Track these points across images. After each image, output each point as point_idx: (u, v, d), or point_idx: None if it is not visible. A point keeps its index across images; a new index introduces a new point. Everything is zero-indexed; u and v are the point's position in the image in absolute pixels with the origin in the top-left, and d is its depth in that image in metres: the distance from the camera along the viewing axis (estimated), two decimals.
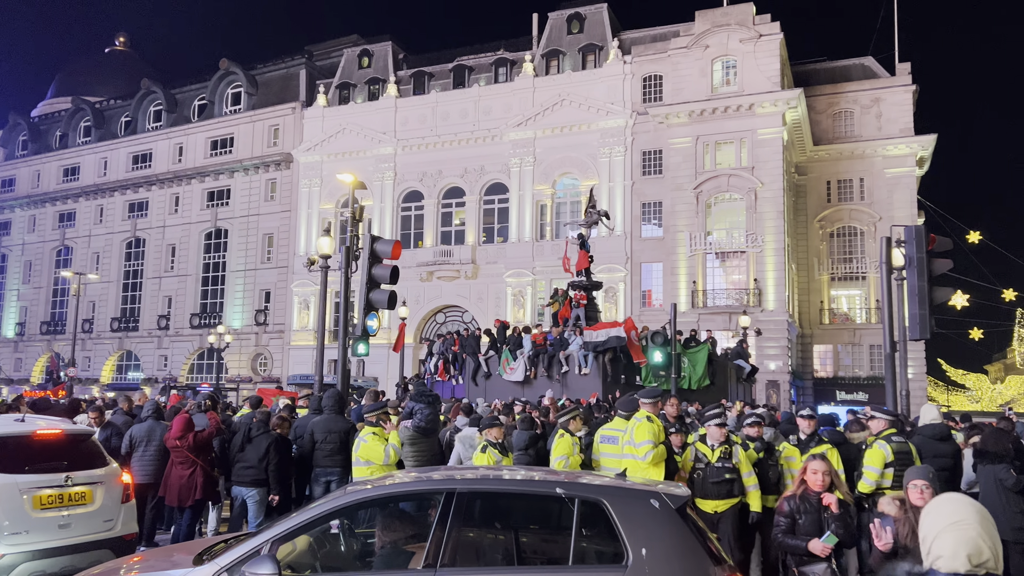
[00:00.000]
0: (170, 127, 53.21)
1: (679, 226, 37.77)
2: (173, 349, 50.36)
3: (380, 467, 7.54)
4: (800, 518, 5.57)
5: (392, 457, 7.67)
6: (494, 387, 20.43)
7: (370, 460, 7.56)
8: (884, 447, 7.72)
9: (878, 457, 7.71)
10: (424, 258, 42.94)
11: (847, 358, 40.23)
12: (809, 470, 5.67)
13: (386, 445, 7.66)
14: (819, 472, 5.61)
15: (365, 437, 7.61)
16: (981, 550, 2.46)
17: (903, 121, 39.95)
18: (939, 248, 11.31)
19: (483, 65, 45.52)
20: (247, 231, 48.97)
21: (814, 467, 5.65)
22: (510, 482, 4.99)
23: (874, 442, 7.90)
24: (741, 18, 37.91)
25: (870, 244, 38.84)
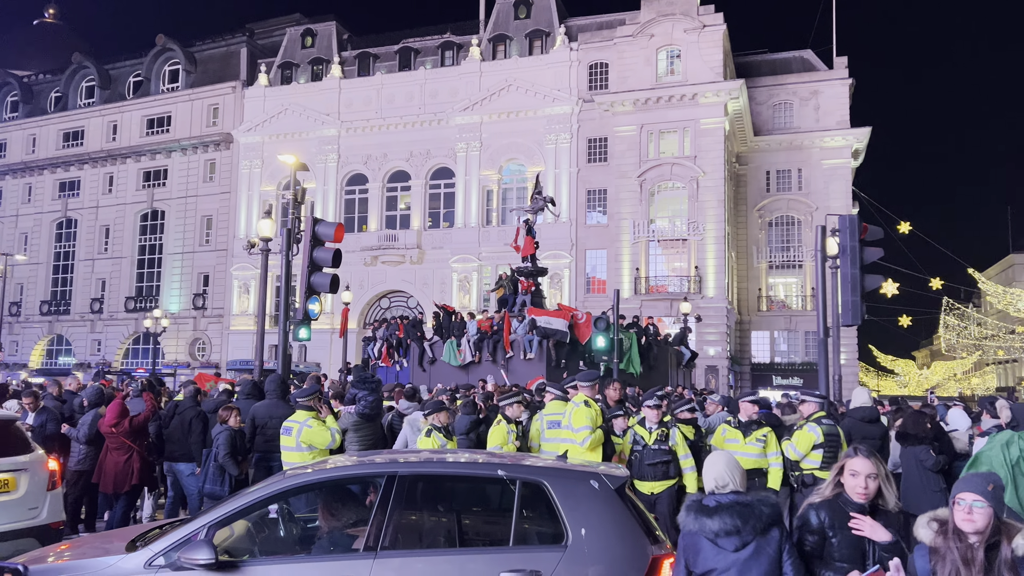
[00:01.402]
0: (104, 104, 51.35)
1: (623, 213, 38.18)
2: (107, 333, 48.88)
3: (322, 452, 7.48)
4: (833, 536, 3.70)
5: (337, 441, 7.63)
6: (439, 372, 20.41)
7: (313, 445, 7.48)
8: (814, 429, 7.98)
9: (806, 439, 7.98)
10: (368, 242, 42.50)
11: (783, 344, 41.37)
12: (847, 470, 3.77)
13: (331, 429, 7.61)
14: (862, 475, 3.70)
15: (308, 422, 7.53)
16: (723, 477, 3.81)
17: (840, 114, 41.06)
18: (871, 237, 11.68)
19: (429, 48, 45.09)
20: (185, 213, 47.71)
21: (856, 466, 3.74)
22: (453, 465, 5.01)
23: (804, 424, 8.15)
24: (686, 8, 38.35)
25: (807, 233, 39.91)
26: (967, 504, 3.15)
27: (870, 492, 3.70)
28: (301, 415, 7.64)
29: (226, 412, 8.74)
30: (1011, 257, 71.46)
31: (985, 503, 3.13)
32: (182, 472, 9.44)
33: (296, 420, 7.61)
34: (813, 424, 8.03)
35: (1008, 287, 53.95)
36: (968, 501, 3.15)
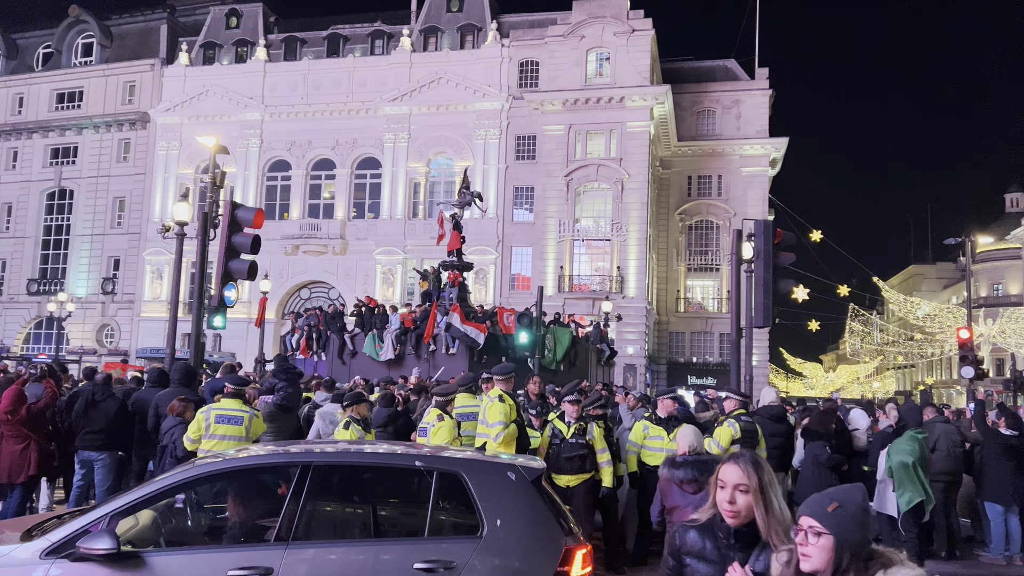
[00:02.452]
0: (9, 75, 48.61)
1: (549, 212, 38.50)
2: (7, 317, 46.35)
3: (238, 442, 7.27)
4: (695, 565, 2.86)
5: (253, 431, 7.43)
6: (359, 365, 20.14)
7: (227, 435, 7.28)
8: (732, 425, 8.24)
9: (727, 434, 8.24)
10: (290, 231, 41.59)
11: (699, 345, 42.53)
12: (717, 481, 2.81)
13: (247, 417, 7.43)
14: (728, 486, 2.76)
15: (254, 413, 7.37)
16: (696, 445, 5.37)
17: (759, 123, 42.42)
18: (784, 243, 12.14)
19: (359, 36, 44.40)
20: (96, 193, 45.62)
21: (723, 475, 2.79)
22: (369, 455, 4.96)
23: (724, 420, 8.42)
24: (616, 11, 38.92)
25: (725, 238, 41.11)
26: (802, 534, 2.33)
27: (739, 509, 2.71)
28: (240, 404, 7.40)
29: (180, 404, 8.00)
30: (912, 268, 75.38)
31: (824, 530, 2.27)
32: (99, 461, 9.04)
33: (242, 410, 7.35)
34: (732, 420, 8.29)
35: (909, 296, 56.88)
36: (804, 527, 2.33)
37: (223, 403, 7.47)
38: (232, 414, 7.33)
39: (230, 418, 7.29)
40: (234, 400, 7.44)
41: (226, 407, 7.40)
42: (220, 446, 7.07)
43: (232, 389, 7.52)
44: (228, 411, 7.34)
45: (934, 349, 52.49)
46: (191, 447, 7.37)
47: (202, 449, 7.19)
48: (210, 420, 7.33)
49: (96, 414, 9.01)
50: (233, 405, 7.40)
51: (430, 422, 7.34)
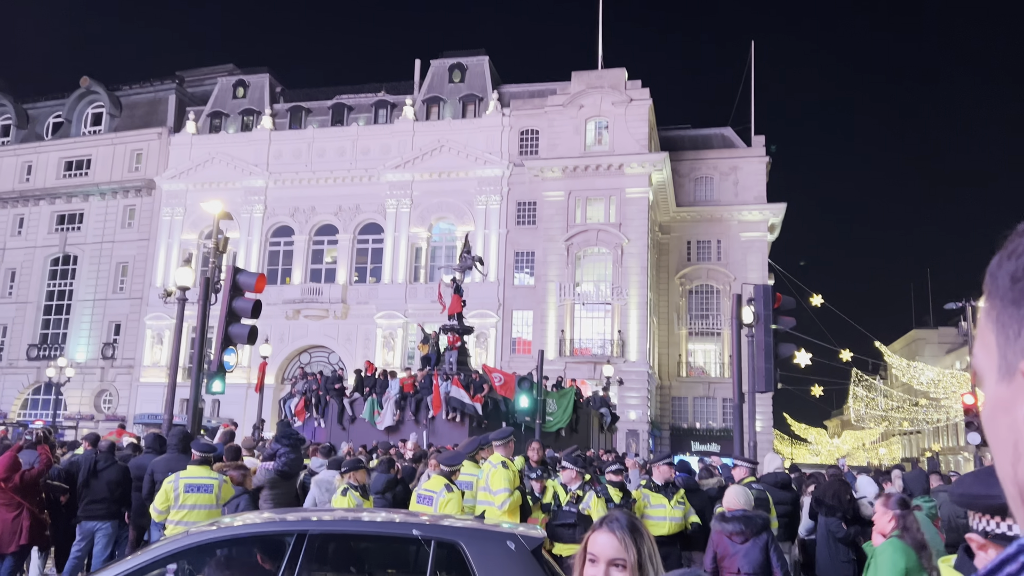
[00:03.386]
0: (19, 143, 49.54)
1: (550, 276, 38.69)
2: (4, 382, 46.09)
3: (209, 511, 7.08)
4: None
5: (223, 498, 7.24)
6: (358, 431, 19.95)
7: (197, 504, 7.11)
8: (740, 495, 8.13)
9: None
10: (291, 295, 41.70)
11: (702, 410, 42.12)
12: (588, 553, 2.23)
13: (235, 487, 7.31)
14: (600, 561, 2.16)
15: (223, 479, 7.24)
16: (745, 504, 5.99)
17: (757, 189, 42.95)
18: (784, 307, 12.16)
19: (363, 105, 45.39)
20: (99, 258, 45.94)
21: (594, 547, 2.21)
22: (367, 524, 4.87)
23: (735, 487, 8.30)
24: (614, 82, 39.85)
25: (725, 302, 41.14)
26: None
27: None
28: (208, 471, 7.30)
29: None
30: (914, 332, 75.21)
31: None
32: (101, 530, 8.87)
33: (211, 476, 7.24)
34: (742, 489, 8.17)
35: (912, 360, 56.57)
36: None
37: (191, 471, 7.24)
38: (201, 482, 7.10)
39: (199, 486, 7.07)
40: (202, 467, 7.23)
41: (194, 475, 7.17)
42: (191, 516, 6.86)
43: (198, 456, 7.27)
44: (197, 479, 7.12)
45: (939, 415, 51.93)
46: (159, 518, 7.10)
47: (170, 520, 6.94)
48: (179, 490, 7.07)
49: (99, 483, 8.90)
50: (201, 472, 7.18)
51: (436, 491, 7.10)
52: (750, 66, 44.09)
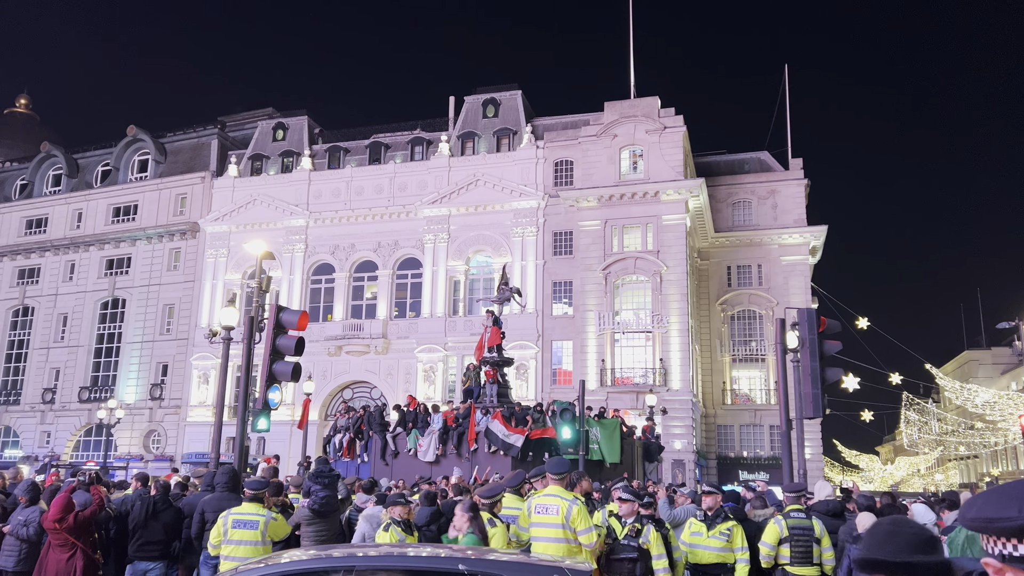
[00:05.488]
0: (70, 192, 51.28)
1: (588, 305, 38.55)
2: (58, 424, 47.20)
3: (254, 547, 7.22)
4: None
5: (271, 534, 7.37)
6: (401, 466, 19.96)
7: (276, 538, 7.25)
8: (779, 523, 7.93)
9: (770, 532, 7.94)
10: (333, 332, 42.16)
11: (749, 438, 41.31)
12: None
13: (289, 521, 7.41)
14: None
15: (273, 515, 7.35)
16: None
17: (796, 212, 42.46)
18: (829, 331, 11.93)
19: (400, 143, 46.14)
20: (147, 301, 47.09)
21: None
22: (413, 559, 4.86)
23: (772, 518, 8.12)
24: (647, 110, 39.94)
25: (768, 327, 40.52)
26: None
27: None
28: (258, 507, 7.40)
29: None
30: (967, 353, 73.11)
31: None
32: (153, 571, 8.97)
33: (258, 514, 7.35)
34: (780, 517, 7.98)
35: (965, 383, 54.95)
36: None
37: (243, 507, 7.48)
38: (248, 519, 7.32)
39: (246, 523, 7.28)
40: (253, 504, 7.44)
41: (244, 512, 7.40)
42: (237, 551, 7.06)
43: (250, 494, 7.52)
44: (245, 516, 7.34)
45: (997, 438, 50.23)
46: (212, 552, 7.41)
47: (222, 555, 7.19)
48: (227, 525, 7.33)
49: (156, 524, 9.00)
50: (251, 509, 7.40)
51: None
52: (784, 89, 43.89)
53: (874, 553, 1.85)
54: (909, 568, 1.79)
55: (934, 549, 1.86)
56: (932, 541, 1.87)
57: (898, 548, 1.81)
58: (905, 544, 1.83)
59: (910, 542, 1.83)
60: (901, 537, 1.86)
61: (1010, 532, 1.45)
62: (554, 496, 7.01)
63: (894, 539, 1.85)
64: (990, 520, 1.48)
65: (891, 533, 1.88)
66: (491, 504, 7.24)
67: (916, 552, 1.81)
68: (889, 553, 1.82)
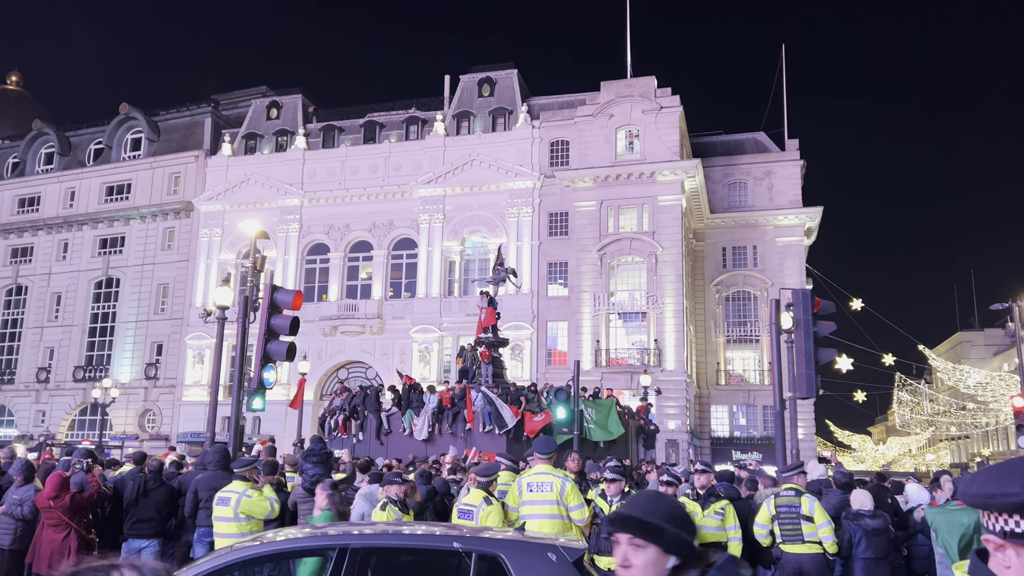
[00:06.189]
0: (62, 170, 50.91)
1: (583, 286, 38.55)
2: (53, 404, 47.19)
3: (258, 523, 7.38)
4: None
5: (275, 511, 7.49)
6: (396, 445, 20.03)
7: (251, 515, 7.32)
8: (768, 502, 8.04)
9: (763, 513, 8.04)
10: (328, 312, 42.13)
11: (742, 418, 41.54)
12: None
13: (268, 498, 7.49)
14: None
15: (247, 492, 7.40)
16: None
17: (792, 193, 42.41)
18: (823, 311, 11.95)
19: (394, 122, 45.85)
20: (141, 280, 46.94)
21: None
22: (408, 537, 4.88)
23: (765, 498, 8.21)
24: (644, 90, 39.73)
25: (763, 308, 40.60)
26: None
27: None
28: (239, 485, 7.52)
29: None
30: (959, 335, 73.48)
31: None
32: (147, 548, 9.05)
33: (234, 490, 7.49)
34: (771, 497, 8.05)
35: (957, 364, 55.26)
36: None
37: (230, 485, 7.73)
38: (225, 495, 7.60)
39: (223, 499, 7.54)
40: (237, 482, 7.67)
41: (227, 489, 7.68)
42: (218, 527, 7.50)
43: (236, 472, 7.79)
44: (225, 493, 7.62)
45: (988, 419, 50.60)
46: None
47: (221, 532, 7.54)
48: (214, 502, 7.68)
49: (147, 502, 9.06)
50: (233, 487, 7.64)
51: (476, 505, 7.07)
52: (781, 69, 43.73)
53: (629, 510, 1.89)
54: (658, 532, 1.82)
55: (689, 528, 1.90)
56: (689, 520, 1.91)
57: (654, 511, 1.85)
58: (662, 510, 1.87)
59: (668, 512, 1.87)
60: (661, 503, 1.91)
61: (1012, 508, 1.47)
62: (546, 474, 7.16)
63: (654, 503, 1.89)
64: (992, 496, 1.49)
65: (653, 499, 1.91)
66: (487, 483, 7.30)
67: (670, 521, 1.85)
68: (645, 513, 1.86)
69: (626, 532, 1.89)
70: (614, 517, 1.95)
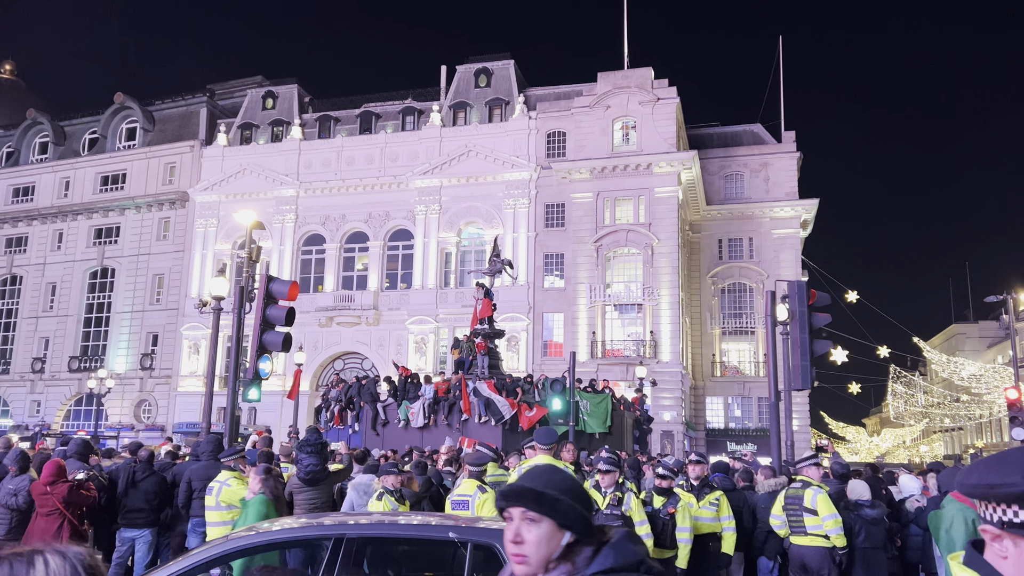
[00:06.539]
0: (57, 160, 50.67)
1: (580, 278, 38.57)
2: (48, 394, 47.12)
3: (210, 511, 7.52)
4: None
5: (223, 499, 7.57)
6: (392, 436, 20.05)
7: (232, 504, 7.37)
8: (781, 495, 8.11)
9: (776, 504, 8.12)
10: (324, 303, 42.08)
11: (737, 410, 41.67)
12: None
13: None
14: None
15: (228, 481, 7.45)
16: None
17: (788, 185, 42.43)
18: (819, 303, 11.96)
19: (391, 113, 45.70)
20: (136, 271, 46.81)
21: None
22: (404, 527, 4.88)
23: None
24: (640, 81, 39.65)
25: (758, 300, 40.68)
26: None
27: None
28: (224, 474, 7.58)
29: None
30: (953, 327, 73.71)
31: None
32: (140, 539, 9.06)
33: (217, 480, 7.55)
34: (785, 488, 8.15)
35: (951, 356, 55.44)
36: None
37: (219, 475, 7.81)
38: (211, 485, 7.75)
39: (208, 489, 7.72)
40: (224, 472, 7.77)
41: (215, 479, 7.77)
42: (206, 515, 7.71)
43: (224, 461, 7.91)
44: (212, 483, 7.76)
45: (982, 411, 50.82)
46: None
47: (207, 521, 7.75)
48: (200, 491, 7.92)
49: (137, 493, 9.05)
50: (219, 477, 7.74)
51: (471, 495, 7.05)
52: (778, 61, 43.65)
53: (524, 482, 1.88)
54: (554, 504, 1.81)
55: (586, 502, 1.88)
56: (586, 495, 1.89)
57: (551, 483, 1.84)
58: (558, 483, 1.86)
59: (565, 484, 1.86)
60: (558, 475, 1.89)
61: (1011, 498, 1.47)
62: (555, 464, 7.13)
63: (551, 475, 1.88)
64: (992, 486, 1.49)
65: (550, 471, 1.90)
66: (480, 472, 7.31)
67: (567, 494, 1.84)
68: (541, 485, 1.84)
69: (519, 506, 1.85)
70: (506, 490, 1.90)
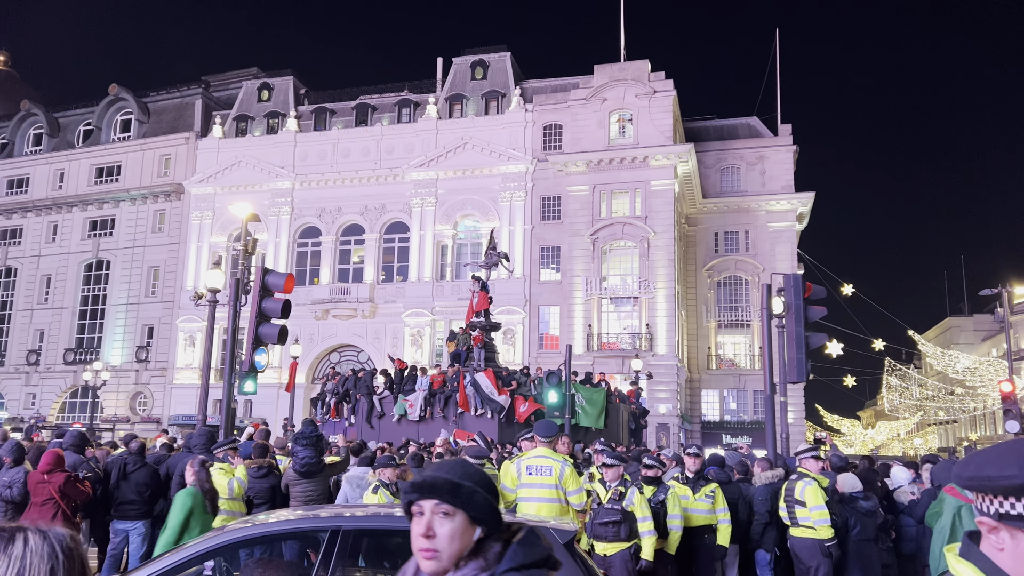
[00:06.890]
0: (51, 152, 50.44)
1: (576, 271, 38.57)
2: (43, 387, 47.03)
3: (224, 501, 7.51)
4: None
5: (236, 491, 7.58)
6: (388, 428, 20.07)
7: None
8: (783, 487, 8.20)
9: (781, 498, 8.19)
10: (320, 295, 42.03)
11: (732, 402, 41.75)
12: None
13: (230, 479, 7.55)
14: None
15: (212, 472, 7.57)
16: None
17: (785, 178, 42.42)
18: (814, 296, 11.99)
19: (386, 105, 45.57)
20: (131, 263, 46.69)
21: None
22: (400, 519, 4.87)
23: None
24: (637, 74, 39.58)
25: (754, 293, 40.72)
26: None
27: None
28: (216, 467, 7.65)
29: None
30: (948, 320, 73.92)
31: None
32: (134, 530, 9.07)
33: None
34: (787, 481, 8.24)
35: (946, 349, 55.62)
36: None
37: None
38: None
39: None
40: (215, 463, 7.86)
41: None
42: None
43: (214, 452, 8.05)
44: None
45: (976, 403, 51.01)
46: None
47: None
48: None
49: (128, 485, 9.05)
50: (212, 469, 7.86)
51: None
52: (775, 54, 43.57)
53: (438, 472, 1.88)
54: (470, 497, 1.81)
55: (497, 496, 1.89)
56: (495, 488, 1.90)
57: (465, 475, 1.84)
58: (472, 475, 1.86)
59: (478, 477, 1.86)
60: (471, 468, 1.90)
61: (1008, 491, 1.47)
62: (546, 457, 7.16)
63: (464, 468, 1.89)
64: (990, 479, 1.49)
65: (462, 463, 1.92)
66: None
67: (481, 487, 1.85)
68: (456, 476, 1.84)
69: (432, 498, 1.82)
70: (418, 482, 1.86)
